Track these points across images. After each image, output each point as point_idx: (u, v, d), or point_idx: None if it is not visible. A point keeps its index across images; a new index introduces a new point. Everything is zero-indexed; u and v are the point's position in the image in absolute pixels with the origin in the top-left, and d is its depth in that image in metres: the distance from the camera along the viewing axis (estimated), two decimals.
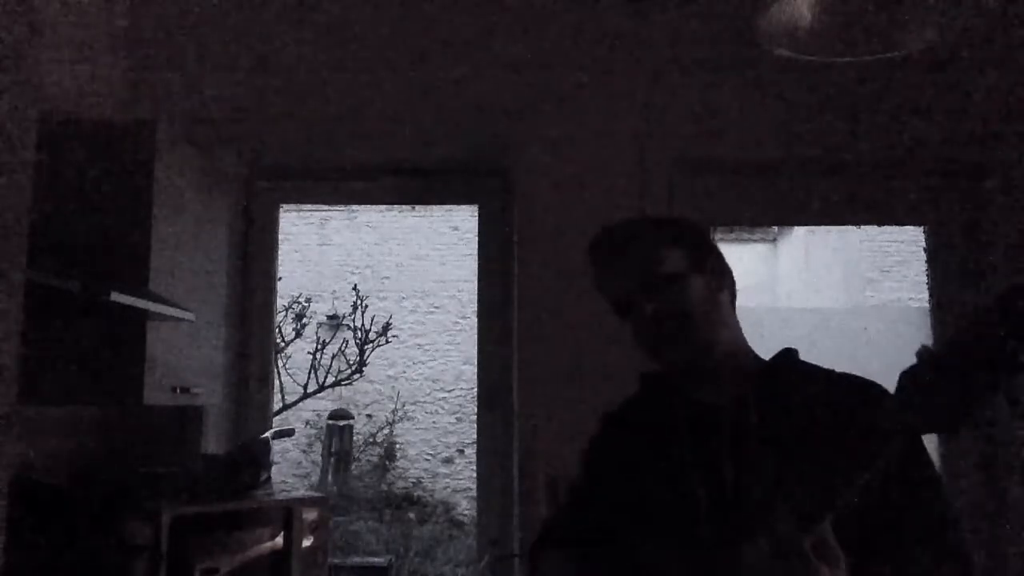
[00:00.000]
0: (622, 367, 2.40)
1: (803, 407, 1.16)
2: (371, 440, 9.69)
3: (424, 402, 10.01)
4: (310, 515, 2.13)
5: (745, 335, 1.30)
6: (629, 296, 1.23)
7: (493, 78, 2.47)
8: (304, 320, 8.27)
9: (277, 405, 5.43)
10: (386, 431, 9.74)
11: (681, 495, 1.19)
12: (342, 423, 9.81)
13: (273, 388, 2.69)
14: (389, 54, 2.47)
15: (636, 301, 1.22)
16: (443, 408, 10.00)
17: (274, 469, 2.38)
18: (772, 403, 1.18)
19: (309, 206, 8.45)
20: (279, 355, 7.45)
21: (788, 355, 1.26)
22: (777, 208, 2.56)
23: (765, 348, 1.30)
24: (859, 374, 1.24)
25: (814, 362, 1.27)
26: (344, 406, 9.84)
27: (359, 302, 8.49)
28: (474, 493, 4.03)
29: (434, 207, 9.17)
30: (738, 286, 1.31)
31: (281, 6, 2.48)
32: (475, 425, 2.62)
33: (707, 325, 1.22)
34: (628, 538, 1.22)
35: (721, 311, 1.25)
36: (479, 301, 2.63)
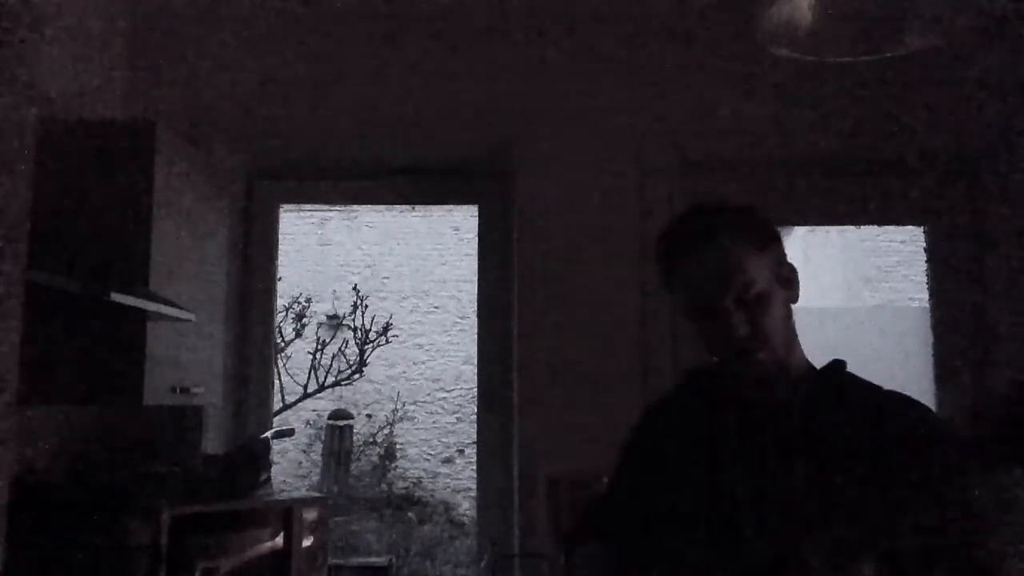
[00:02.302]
0: (622, 367, 2.40)
1: (851, 422, 1.17)
2: (371, 440, 9.68)
3: (424, 402, 10.00)
4: (310, 515, 2.13)
5: None
6: (714, 303, 1.19)
7: (493, 79, 2.47)
8: (304, 320, 8.27)
9: (277, 405, 5.42)
10: (386, 431, 9.73)
11: (721, 494, 1.19)
12: (342, 423, 9.80)
13: (273, 388, 2.69)
14: (389, 54, 2.47)
15: (723, 310, 1.19)
16: (443, 408, 9.99)
17: (274, 469, 2.38)
18: (820, 411, 1.19)
19: (309, 206, 8.43)
20: (279, 355, 7.44)
21: (838, 366, 1.27)
22: (777, 208, 2.56)
23: None
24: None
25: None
26: (344, 406, 9.83)
27: (359, 302, 8.48)
28: (474, 493, 4.03)
29: (434, 207, 9.15)
30: None
31: (281, 6, 2.48)
32: (475, 425, 2.62)
33: (782, 342, 1.22)
34: (663, 533, 1.22)
35: (792, 326, 1.25)
36: (479, 301, 2.63)
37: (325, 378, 8.30)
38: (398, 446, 9.73)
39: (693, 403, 1.32)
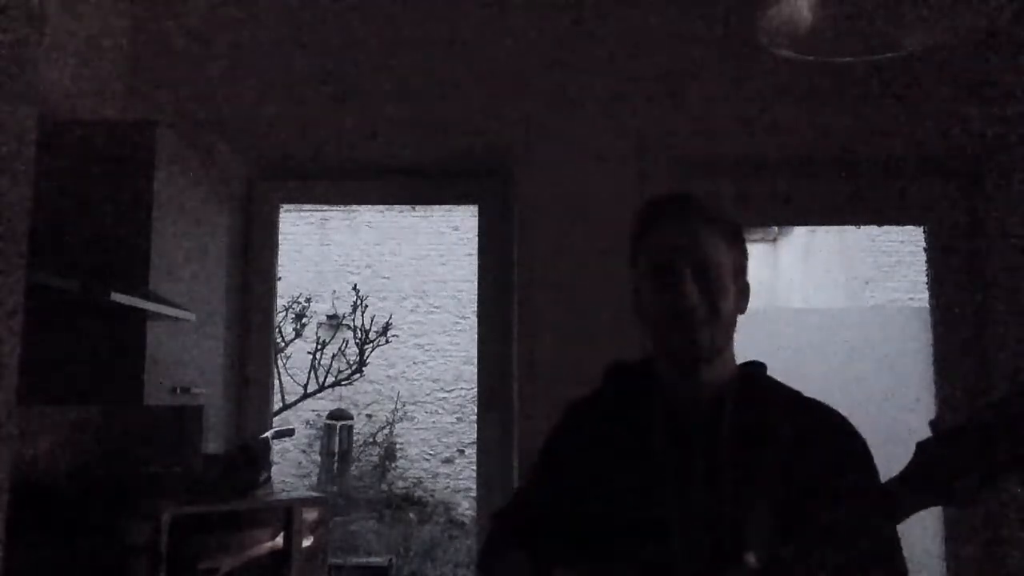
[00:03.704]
0: None
1: (771, 429, 1.16)
2: (371, 440, 9.69)
3: (424, 402, 10.01)
4: (310, 515, 2.13)
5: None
6: (673, 262, 1.19)
7: (493, 78, 2.47)
8: (304, 320, 8.28)
9: (277, 405, 5.43)
10: (386, 431, 9.74)
11: (647, 493, 1.17)
12: (342, 423, 9.81)
13: (273, 388, 2.69)
14: (389, 53, 2.47)
15: (678, 273, 1.18)
16: (443, 408, 10.00)
17: (274, 469, 2.38)
18: (743, 412, 1.18)
19: (309, 206, 8.45)
20: (279, 355, 7.45)
21: (757, 367, 1.26)
22: (777, 208, 2.56)
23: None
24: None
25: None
26: (344, 406, 9.84)
27: (359, 302, 8.49)
28: (474, 493, 4.02)
29: (434, 207, 9.16)
30: None
31: (281, 7, 2.48)
32: (475, 425, 2.62)
33: (723, 334, 1.20)
34: (579, 539, 1.18)
35: (731, 332, 1.23)
36: (479, 301, 2.62)
37: (325, 378, 8.32)
38: (398, 446, 9.75)
39: (620, 399, 1.28)
